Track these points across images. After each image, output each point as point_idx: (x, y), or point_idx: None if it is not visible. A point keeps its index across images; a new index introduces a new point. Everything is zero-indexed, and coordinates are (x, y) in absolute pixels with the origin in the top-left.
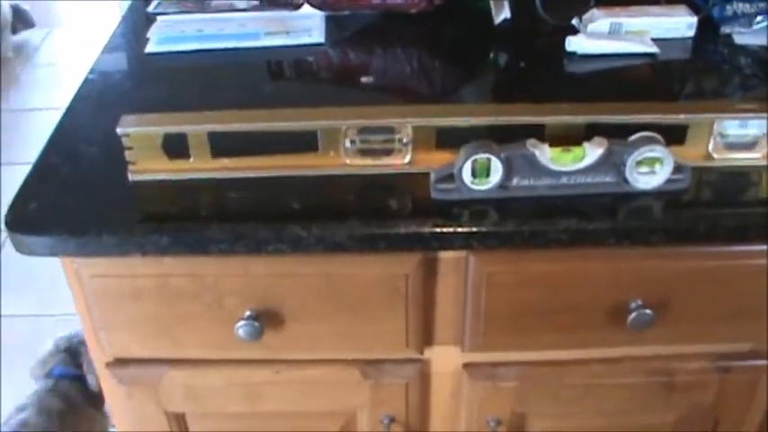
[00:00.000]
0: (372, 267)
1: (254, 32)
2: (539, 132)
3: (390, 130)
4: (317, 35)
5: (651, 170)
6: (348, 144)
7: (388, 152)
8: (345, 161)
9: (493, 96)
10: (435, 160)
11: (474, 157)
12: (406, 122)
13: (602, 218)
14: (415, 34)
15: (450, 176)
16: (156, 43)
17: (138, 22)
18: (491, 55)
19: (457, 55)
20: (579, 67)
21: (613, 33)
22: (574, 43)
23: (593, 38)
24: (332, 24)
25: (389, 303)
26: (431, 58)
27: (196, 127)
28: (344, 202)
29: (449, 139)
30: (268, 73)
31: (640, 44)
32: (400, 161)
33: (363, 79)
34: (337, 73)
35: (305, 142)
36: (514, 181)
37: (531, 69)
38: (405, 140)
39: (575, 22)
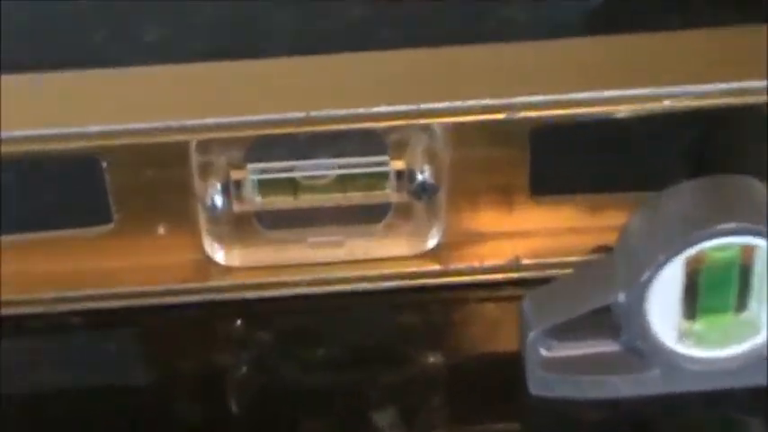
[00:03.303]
0: None
1: None
2: None
3: (364, 140)
4: None
5: None
6: (213, 200)
7: (371, 219)
8: (210, 255)
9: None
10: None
11: (700, 245)
12: (419, 110)
13: None
14: None
15: (588, 322)
16: None
17: None
18: None
19: None
20: None
21: None
22: None
23: None
24: None
25: None
26: None
27: None
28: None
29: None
30: None
31: None
32: (410, 249)
33: None
34: None
35: (79, 203)
36: None
37: None
38: (420, 177)
39: None
